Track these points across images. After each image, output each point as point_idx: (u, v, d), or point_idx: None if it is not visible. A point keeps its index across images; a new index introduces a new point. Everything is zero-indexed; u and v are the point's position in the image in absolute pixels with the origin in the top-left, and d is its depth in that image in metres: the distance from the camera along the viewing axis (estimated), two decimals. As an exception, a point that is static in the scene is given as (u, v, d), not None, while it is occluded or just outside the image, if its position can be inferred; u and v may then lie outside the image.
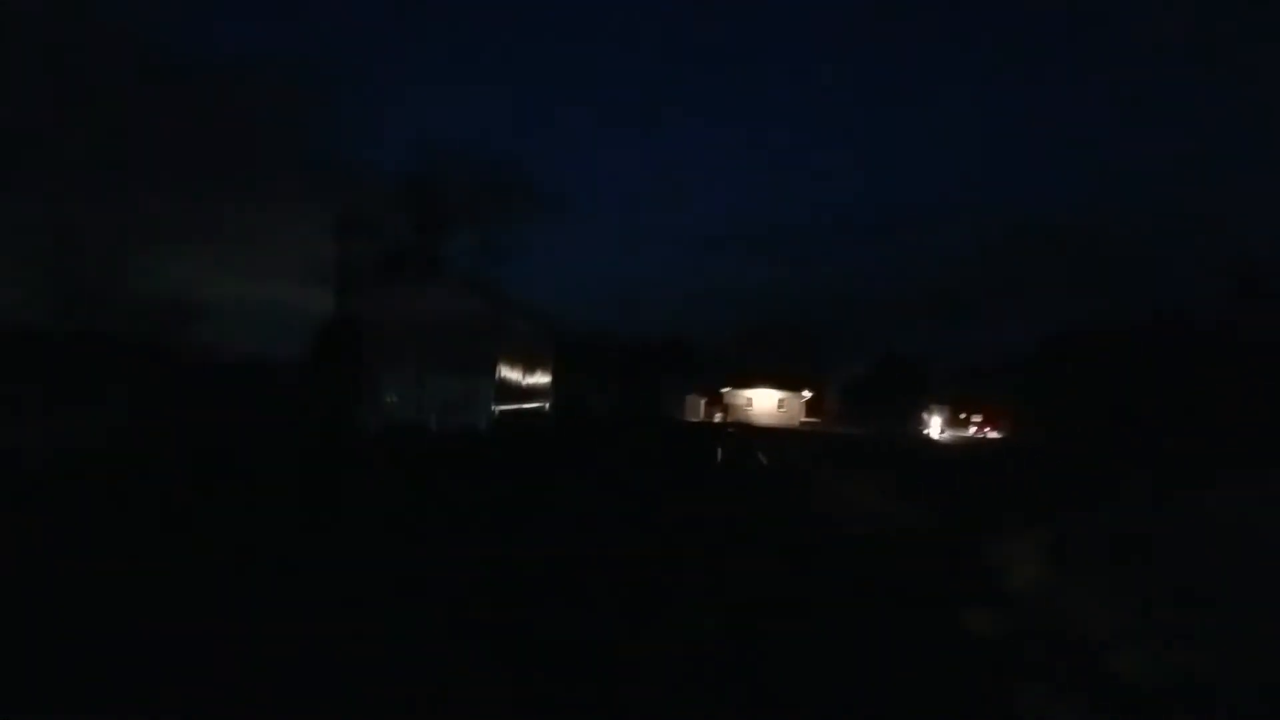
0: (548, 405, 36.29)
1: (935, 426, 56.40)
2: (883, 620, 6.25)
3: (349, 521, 9.68)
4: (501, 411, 29.35)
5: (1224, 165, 77.41)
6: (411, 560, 7.96)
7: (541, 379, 35.99)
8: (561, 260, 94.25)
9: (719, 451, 22.52)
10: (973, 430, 58.77)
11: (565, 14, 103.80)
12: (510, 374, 30.93)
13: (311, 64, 62.38)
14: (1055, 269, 75.78)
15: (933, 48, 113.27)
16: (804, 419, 61.97)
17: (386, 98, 74.41)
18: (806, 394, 62.94)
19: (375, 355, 25.95)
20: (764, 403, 61.45)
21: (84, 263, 23.25)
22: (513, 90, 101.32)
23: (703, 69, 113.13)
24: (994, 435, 56.64)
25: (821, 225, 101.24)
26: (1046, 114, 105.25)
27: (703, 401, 60.03)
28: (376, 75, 76.78)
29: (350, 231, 31.07)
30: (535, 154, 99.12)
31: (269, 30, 68.34)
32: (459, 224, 32.09)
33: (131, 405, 17.93)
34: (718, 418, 58.96)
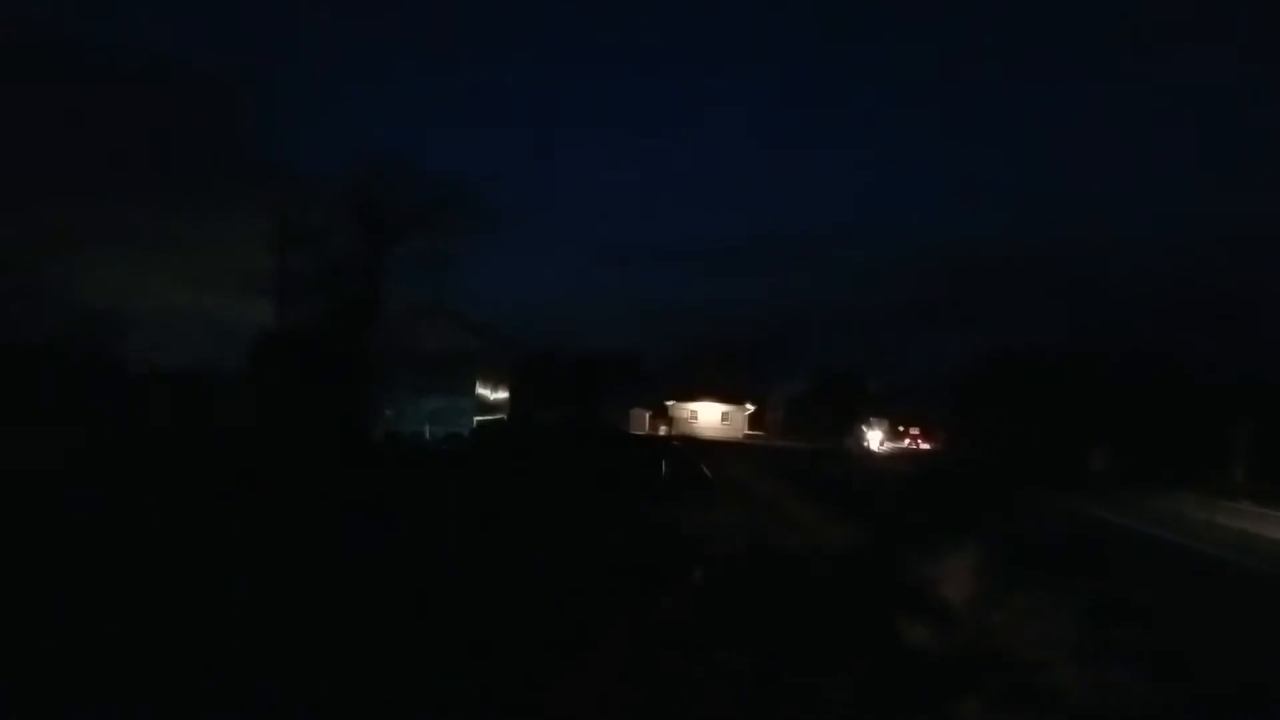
0: (506, 416, 41.94)
1: (874, 439, 57.84)
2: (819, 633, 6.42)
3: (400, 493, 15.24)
4: (479, 421, 36.05)
5: (1160, 189, 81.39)
6: (447, 508, 13.75)
7: (503, 394, 42.72)
8: (507, 274, 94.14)
9: (662, 463, 23.48)
10: (907, 442, 60.63)
11: (510, 27, 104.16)
12: (483, 392, 38.56)
13: (251, 72, 61.63)
14: (991, 289, 78.58)
15: (872, 68, 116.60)
16: (747, 432, 63.07)
17: (331, 109, 73.81)
18: (750, 408, 64.09)
19: (381, 378, 30.85)
20: (708, 416, 62.36)
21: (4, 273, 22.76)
22: (459, 103, 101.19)
23: (648, 86, 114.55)
24: (926, 447, 58.54)
25: (764, 243, 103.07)
26: (984, 136, 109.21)
27: (648, 415, 60.68)
28: (319, 86, 76.16)
29: (290, 243, 30.78)
30: (480, 168, 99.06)
31: (208, 38, 67.28)
32: (402, 236, 32.05)
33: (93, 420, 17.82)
34: (662, 430, 59.56)
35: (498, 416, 40.53)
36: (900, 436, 62.44)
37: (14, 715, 4.47)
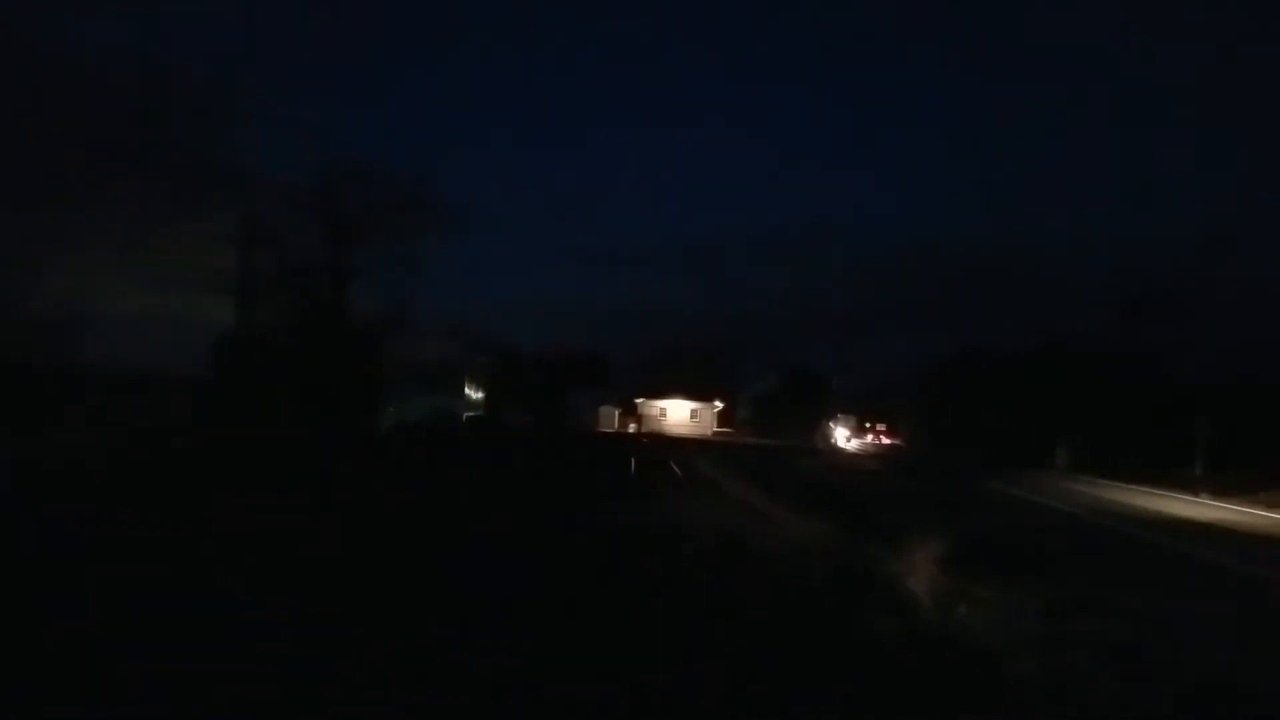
0: (482, 413, 48.60)
1: (842, 435, 58.72)
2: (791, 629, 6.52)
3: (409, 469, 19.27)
4: (468, 417, 44.06)
5: (1118, 195, 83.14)
6: (452, 477, 17.91)
7: (480, 394, 50.14)
8: (474, 275, 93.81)
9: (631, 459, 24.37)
10: (871, 438, 61.63)
11: (477, 28, 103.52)
12: (469, 392, 47.42)
13: (214, 72, 60.77)
14: (955, 290, 79.82)
15: (840, 74, 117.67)
16: (716, 429, 63.55)
17: (295, 109, 72.91)
18: (718, 405, 64.58)
19: (388, 381, 35.31)
20: (677, 413, 62.75)
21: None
22: (426, 104, 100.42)
23: (620, 86, 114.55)
24: (890, 442, 59.56)
25: (732, 243, 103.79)
26: (951, 140, 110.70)
27: (618, 412, 60.94)
28: (282, 86, 75.18)
29: (252, 243, 30.54)
30: (448, 168, 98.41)
31: (168, 38, 66.20)
32: (367, 236, 31.93)
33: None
34: (632, 428, 59.87)
35: (479, 413, 47.87)
36: (866, 432, 63.60)
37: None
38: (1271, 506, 20.26)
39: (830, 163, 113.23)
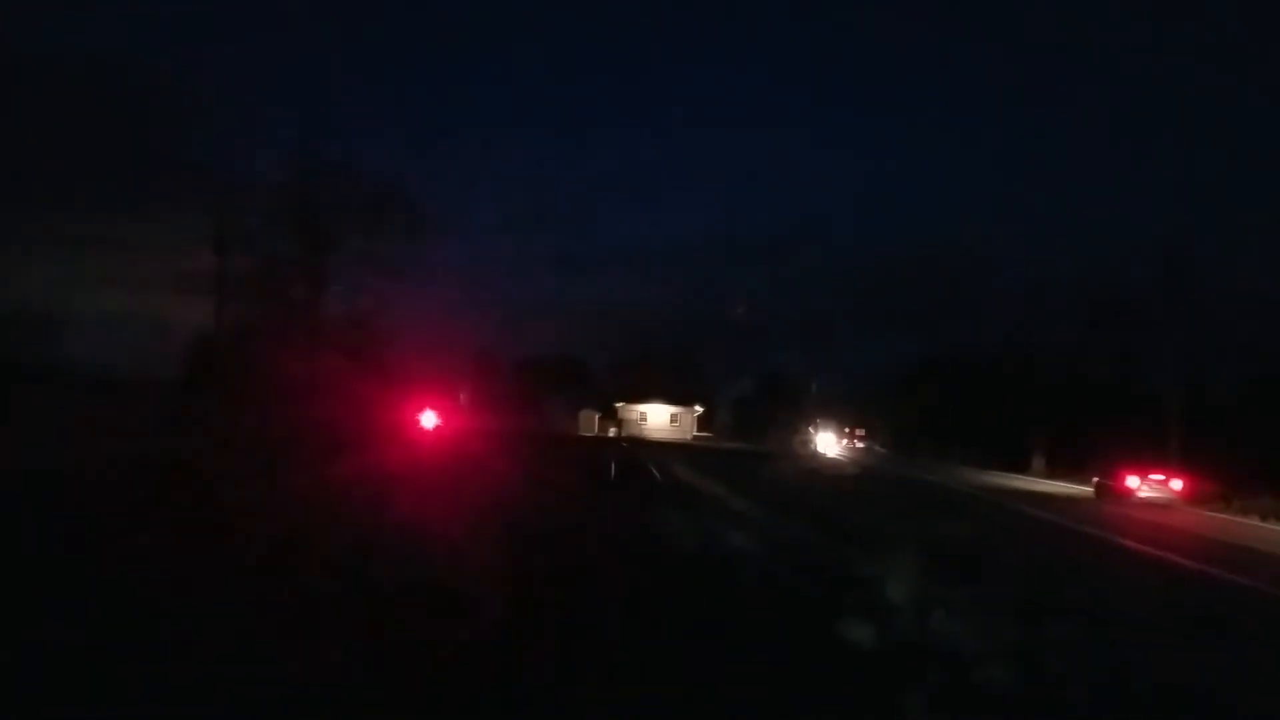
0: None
1: (823, 441, 58.66)
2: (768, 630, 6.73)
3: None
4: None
5: (1090, 201, 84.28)
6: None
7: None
8: (450, 277, 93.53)
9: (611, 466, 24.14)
10: (845, 442, 62.10)
11: (454, 29, 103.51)
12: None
13: (189, 72, 60.60)
14: (930, 295, 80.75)
15: (815, 77, 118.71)
16: (696, 433, 63.84)
17: (270, 110, 72.73)
18: (698, 409, 64.85)
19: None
20: (657, 418, 62.95)
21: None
22: (402, 107, 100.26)
23: (596, 88, 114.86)
24: (864, 447, 60.02)
25: (710, 247, 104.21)
26: (928, 146, 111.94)
27: (597, 416, 61.08)
28: (260, 86, 74.96)
29: (229, 244, 30.57)
30: (423, 172, 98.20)
31: (144, 38, 65.98)
32: (342, 239, 32.02)
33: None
34: (612, 432, 60.04)
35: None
36: (844, 437, 64.07)
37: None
38: (1085, 482, 28.48)
39: (807, 169, 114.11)
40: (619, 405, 62.91)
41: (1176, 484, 23.47)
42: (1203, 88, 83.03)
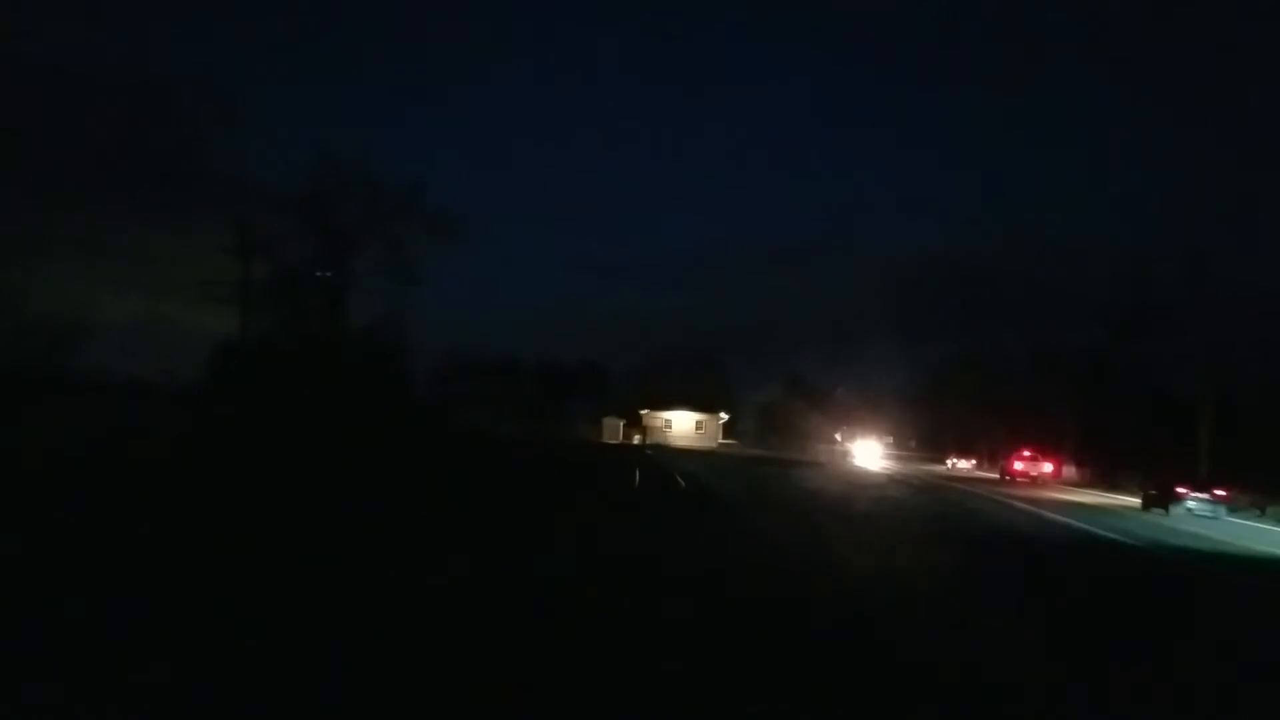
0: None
1: (864, 451, 56.82)
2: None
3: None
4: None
5: (1120, 212, 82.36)
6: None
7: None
8: (473, 284, 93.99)
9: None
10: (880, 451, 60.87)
11: (474, 37, 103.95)
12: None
13: (210, 81, 61.55)
14: (958, 299, 79.22)
15: (843, 82, 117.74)
16: (722, 440, 63.10)
17: (292, 118, 73.65)
18: (724, 416, 64.09)
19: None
20: (683, 424, 62.36)
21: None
22: (425, 113, 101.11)
23: (619, 96, 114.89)
24: (899, 454, 58.82)
25: (736, 252, 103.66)
26: (954, 151, 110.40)
27: (622, 424, 60.57)
28: (282, 95, 76.00)
29: (252, 251, 30.78)
30: (445, 177, 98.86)
31: (167, 46, 67.14)
32: (365, 245, 32.13)
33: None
34: (636, 439, 59.57)
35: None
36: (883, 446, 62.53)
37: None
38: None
39: (830, 171, 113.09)
40: (644, 413, 62.34)
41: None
42: (1233, 89, 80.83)
